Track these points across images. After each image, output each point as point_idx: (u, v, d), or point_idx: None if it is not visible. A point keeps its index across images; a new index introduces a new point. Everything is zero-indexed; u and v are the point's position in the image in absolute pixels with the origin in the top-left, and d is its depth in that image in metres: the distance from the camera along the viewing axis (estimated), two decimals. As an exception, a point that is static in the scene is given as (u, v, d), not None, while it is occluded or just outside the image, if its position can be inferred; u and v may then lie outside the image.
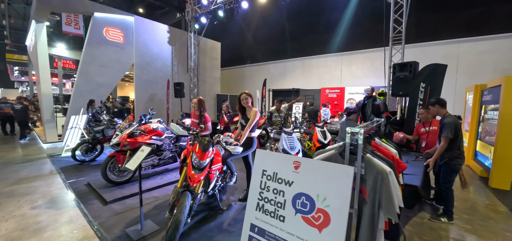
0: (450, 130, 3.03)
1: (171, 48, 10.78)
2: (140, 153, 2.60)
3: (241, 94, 3.32)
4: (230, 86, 18.63)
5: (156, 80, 10.13)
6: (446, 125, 3.08)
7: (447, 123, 3.08)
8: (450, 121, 3.09)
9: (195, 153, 2.49)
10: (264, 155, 1.52)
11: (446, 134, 3.02)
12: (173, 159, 4.83)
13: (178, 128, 2.63)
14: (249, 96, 3.29)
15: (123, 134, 4.00)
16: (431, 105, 3.35)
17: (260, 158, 1.52)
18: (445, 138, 3.02)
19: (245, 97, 3.28)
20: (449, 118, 3.14)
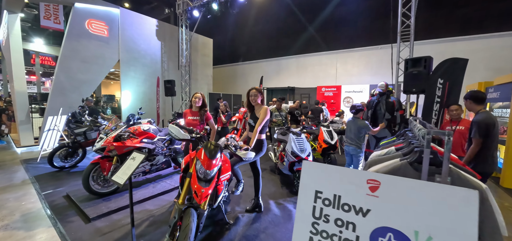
0: (477, 129, 2.69)
1: (161, 44, 10.13)
2: (131, 162, 2.12)
3: (251, 90, 2.89)
4: (222, 85, 18.08)
5: (144, 77, 9.47)
6: (474, 124, 2.75)
7: (475, 121, 2.75)
8: (479, 119, 2.76)
9: (200, 160, 2.04)
10: (315, 168, 1.10)
11: (474, 134, 2.70)
12: (167, 164, 4.33)
13: (178, 130, 2.18)
14: (259, 93, 2.87)
15: (108, 137, 3.46)
16: (464, 99, 3.04)
17: (309, 173, 1.10)
18: (474, 140, 2.69)
19: (255, 94, 2.85)
20: (481, 115, 2.80)
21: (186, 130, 2.26)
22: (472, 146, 2.69)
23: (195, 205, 2.01)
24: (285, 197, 3.59)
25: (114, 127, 3.73)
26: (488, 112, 2.96)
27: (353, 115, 3.73)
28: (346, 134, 3.84)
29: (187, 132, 2.25)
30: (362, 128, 3.60)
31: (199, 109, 3.29)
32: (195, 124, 3.21)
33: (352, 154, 3.77)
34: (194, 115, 3.26)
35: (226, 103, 5.65)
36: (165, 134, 4.39)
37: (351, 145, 3.72)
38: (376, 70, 11.84)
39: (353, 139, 3.68)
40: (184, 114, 3.35)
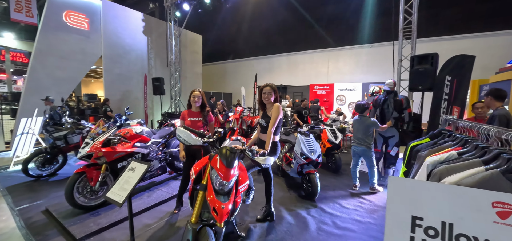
0: (499, 122, 2.67)
1: (147, 40, 9.52)
2: (129, 174, 1.76)
3: (264, 87, 2.60)
4: (212, 83, 17.57)
5: (130, 75, 8.83)
6: (495, 117, 2.72)
7: (496, 115, 2.72)
8: (500, 113, 2.73)
9: (215, 169, 1.73)
10: (410, 186, 0.83)
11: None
12: (162, 169, 3.93)
13: (188, 135, 1.83)
14: (273, 91, 2.58)
15: (95, 142, 3.02)
16: (485, 95, 2.98)
17: (400, 192, 0.83)
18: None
19: (269, 91, 2.56)
20: (500, 110, 2.78)
21: (196, 133, 1.93)
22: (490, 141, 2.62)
23: (211, 222, 1.70)
24: (295, 203, 3.35)
25: (102, 130, 3.28)
26: (506, 109, 2.93)
27: (359, 114, 3.56)
28: (354, 134, 3.67)
29: (198, 136, 1.92)
30: (370, 125, 3.45)
31: (200, 109, 2.94)
32: (198, 126, 2.86)
33: (362, 155, 3.60)
34: (195, 116, 2.90)
35: (223, 102, 5.31)
36: (160, 136, 3.99)
37: (360, 145, 3.54)
38: (368, 68, 11.97)
39: (361, 139, 3.51)
40: (183, 116, 2.98)
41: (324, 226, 2.77)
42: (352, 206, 3.26)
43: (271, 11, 13.87)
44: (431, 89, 4.02)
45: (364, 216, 3.00)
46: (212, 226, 1.71)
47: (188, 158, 2.96)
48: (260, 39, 15.45)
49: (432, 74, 3.96)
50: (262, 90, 2.65)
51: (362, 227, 2.77)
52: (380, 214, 3.05)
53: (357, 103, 3.59)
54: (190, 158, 2.94)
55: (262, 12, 14.04)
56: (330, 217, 2.97)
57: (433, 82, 3.97)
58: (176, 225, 2.72)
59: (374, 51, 11.72)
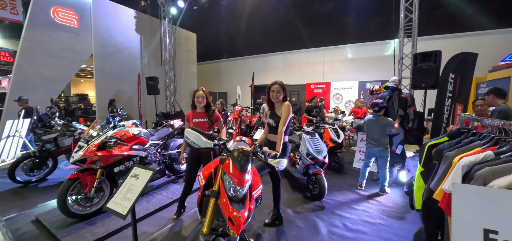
0: (497, 117, 2.69)
1: (140, 38, 9.21)
2: (132, 181, 1.59)
3: (273, 85, 2.48)
4: (206, 83, 17.27)
5: (122, 74, 8.52)
6: (494, 112, 2.76)
7: (496, 110, 2.76)
8: (500, 108, 2.77)
9: (228, 174, 1.58)
10: (479, 194, 0.73)
11: None
12: (161, 172, 3.75)
13: (197, 137, 1.66)
14: (282, 89, 2.46)
15: (90, 145, 2.81)
16: (486, 95, 3.01)
17: (468, 201, 0.72)
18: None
19: (278, 89, 2.44)
20: (501, 106, 2.81)
21: (205, 135, 1.77)
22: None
23: (224, 232, 1.56)
24: (302, 204, 3.24)
25: (96, 132, 3.07)
26: (507, 105, 2.94)
27: (375, 113, 3.46)
28: (368, 135, 3.53)
29: (207, 138, 1.76)
30: (387, 125, 3.35)
31: (205, 110, 2.78)
32: (204, 127, 2.70)
33: (378, 156, 3.48)
34: (200, 117, 2.75)
35: (222, 102, 5.16)
36: (159, 137, 3.80)
37: (376, 146, 3.43)
38: (363, 67, 12.02)
39: (377, 140, 3.41)
40: (187, 117, 2.82)
41: (335, 228, 2.67)
42: (361, 207, 3.18)
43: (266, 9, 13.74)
44: (434, 87, 4.00)
45: (374, 217, 2.92)
46: (224, 235, 1.57)
47: (192, 160, 2.80)
48: (255, 38, 15.30)
49: (435, 72, 3.94)
50: (270, 89, 2.52)
51: (374, 229, 2.68)
52: (390, 215, 2.97)
53: (374, 102, 3.47)
54: (195, 161, 2.78)
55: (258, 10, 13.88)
56: (340, 219, 2.87)
57: (437, 80, 3.95)
58: (181, 234, 2.56)
59: (370, 49, 11.79)
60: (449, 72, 3.75)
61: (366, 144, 3.61)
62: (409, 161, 2.92)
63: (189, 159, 2.83)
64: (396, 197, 3.52)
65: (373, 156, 3.54)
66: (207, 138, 1.77)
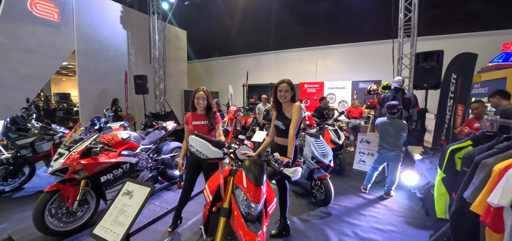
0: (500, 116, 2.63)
1: (127, 34, 8.71)
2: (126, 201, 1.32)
3: (281, 84, 2.27)
4: (196, 82, 16.83)
5: (107, 72, 8.01)
6: (497, 111, 2.71)
7: (498, 110, 2.71)
8: (503, 109, 2.72)
9: (242, 189, 1.35)
10: None
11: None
12: (154, 179, 3.44)
13: (205, 145, 1.40)
14: (291, 89, 2.25)
15: (72, 152, 2.47)
16: (490, 97, 2.97)
17: None
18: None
19: (286, 88, 2.23)
20: (504, 106, 2.77)
21: (212, 143, 1.50)
22: None
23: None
24: (307, 211, 3.05)
25: (79, 136, 2.73)
26: (510, 105, 2.91)
27: (389, 115, 3.30)
28: (383, 138, 3.34)
29: (215, 146, 1.50)
30: (403, 128, 3.21)
31: (206, 112, 2.52)
32: (204, 131, 2.44)
33: (391, 160, 3.33)
34: (200, 120, 2.48)
35: (218, 102, 4.89)
36: (150, 141, 3.48)
37: (392, 150, 3.26)
38: (356, 67, 12.09)
39: (392, 143, 3.24)
40: (186, 119, 2.55)
41: (346, 238, 2.50)
42: (369, 213, 3.04)
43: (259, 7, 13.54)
44: (436, 87, 3.94)
45: (384, 223, 2.79)
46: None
47: (191, 168, 2.53)
48: (247, 36, 15.05)
49: (438, 72, 3.87)
50: (277, 88, 2.31)
51: (386, 236, 2.54)
52: (400, 220, 2.85)
53: (391, 104, 3.28)
54: (194, 168, 2.52)
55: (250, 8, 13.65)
56: (349, 227, 2.71)
57: (439, 80, 3.89)
58: (178, 250, 2.29)
59: (363, 49, 11.87)
60: (451, 72, 3.69)
61: (379, 149, 3.42)
62: (419, 164, 2.81)
63: (188, 166, 2.56)
64: (401, 199, 3.42)
65: (387, 160, 3.38)
66: (214, 146, 1.51)
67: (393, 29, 5.12)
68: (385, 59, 11.12)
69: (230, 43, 15.73)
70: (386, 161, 3.43)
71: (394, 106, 3.23)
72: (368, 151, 4.75)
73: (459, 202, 1.62)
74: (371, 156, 4.68)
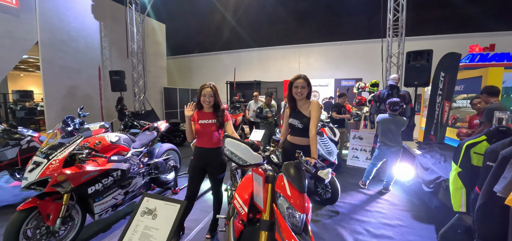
0: (486, 114, 2.85)
1: (99, 25, 7.91)
2: (149, 223, 1.07)
3: (297, 80, 2.13)
4: (176, 78, 16.06)
5: (77, 67, 7.19)
6: (485, 110, 2.89)
7: (486, 108, 2.89)
8: (490, 106, 2.90)
9: (286, 197, 1.18)
10: None
11: (483, 118, 2.87)
12: (146, 186, 3.10)
13: (247, 150, 1.18)
14: (307, 85, 2.13)
15: (52, 160, 2.07)
16: (480, 94, 3.14)
17: None
18: (483, 124, 2.81)
19: (303, 85, 2.10)
20: (492, 104, 2.94)
21: (249, 145, 1.28)
22: (481, 128, 2.86)
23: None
24: (315, 211, 2.97)
25: (59, 141, 2.31)
26: (500, 103, 3.10)
27: (391, 111, 3.33)
28: (384, 134, 3.37)
29: (252, 149, 1.28)
30: (403, 125, 3.28)
31: (213, 110, 2.28)
32: (211, 131, 2.20)
33: (392, 156, 3.38)
34: (207, 119, 2.23)
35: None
36: (142, 144, 3.12)
37: (393, 146, 3.31)
38: (337, 65, 12.47)
39: (393, 139, 3.29)
40: (192, 119, 2.28)
41: (360, 236, 2.46)
42: (373, 208, 3.05)
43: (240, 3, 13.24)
44: (426, 85, 4.13)
45: (391, 218, 2.82)
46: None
47: (195, 173, 2.28)
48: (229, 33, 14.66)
49: (428, 70, 4.06)
50: (292, 84, 2.17)
51: (396, 231, 2.55)
52: (404, 215, 2.90)
53: (392, 101, 3.30)
54: (199, 174, 2.28)
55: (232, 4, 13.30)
56: (360, 224, 2.68)
57: (429, 77, 4.08)
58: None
59: (344, 48, 12.27)
60: (440, 71, 3.89)
61: (379, 145, 3.47)
62: (422, 159, 2.89)
63: (192, 170, 2.31)
64: (399, 193, 3.52)
65: (387, 156, 3.44)
66: (252, 149, 1.30)
67: (382, 29, 5.28)
68: (366, 58, 11.68)
69: (211, 39, 15.23)
70: (386, 157, 3.49)
71: (396, 103, 3.29)
72: (361, 147, 4.85)
73: (485, 196, 1.64)
74: (364, 152, 4.79)
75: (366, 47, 11.57)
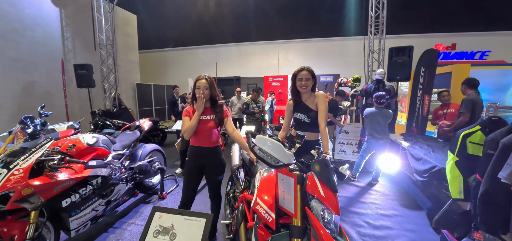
0: (465, 105, 3.09)
1: (60, 12, 6.99)
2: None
3: (301, 72, 2.02)
4: (149, 74, 15.04)
5: (34, 60, 6.28)
6: (464, 101, 3.12)
7: (465, 99, 3.13)
8: (468, 98, 3.14)
9: (320, 199, 1.05)
10: None
11: (462, 109, 3.12)
12: (130, 193, 2.76)
13: (281, 149, 1.00)
14: (312, 77, 2.03)
15: (14, 170, 1.69)
16: (462, 84, 3.35)
17: None
18: (463, 114, 3.09)
19: (307, 76, 1.99)
20: (470, 96, 3.18)
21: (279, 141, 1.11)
22: (461, 118, 3.11)
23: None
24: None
25: (23, 145, 1.90)
26: (476, 95, 3.36)
27: (378, 105, 3.40)
28: (373, 127, 3.44)
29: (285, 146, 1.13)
30: (389, 117, 3.37)
31: (211, 104, 2.06)
32: (209, 127, 1.99)
33: (380, 148, 3.46)
34: (204, 115, 1.98)
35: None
36: (123, 145, 2.77)
37: (382, 138, 3.40)
38: (315, 61, 12.73)
39: (381, 131, 3.38)
40: (187, 113, 2.02)
41: (362, 229, 2.46)
42: (368, 200, 3.11)
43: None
44: (407, 79, 4.35)
45: (386, 208, 2.89)
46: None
47: (192, 176, 2.05)
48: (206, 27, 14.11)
49: (409, 65, 4.26)
50: (296, 76, 2.06)
51: (394, 221, 2.62)
52: (397, 204, 3.00)
53: (379, 94, 3.35)
54: (196, 176, 2.05)
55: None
56: (358, 217, 2.70)
57: (410, 72, 4.30)
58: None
59: (321, 45, 12.59)
60: (421, 66, 4.11)
61: (368, 138, 3.55)
62: (412, 150, 3.01)
63: (188, 173, 2.07)
64: (387, 184, 3.66)
65: (375, 148, 3.53)
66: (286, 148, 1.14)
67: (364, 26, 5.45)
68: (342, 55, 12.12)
69: (187, 33, 14.54)
70: (375, 149, 3.59)
71: (382, 97, 3.38)
72: (347, 141, 4.97)
73: (488, 183, 1.71)
74: (351, 145, 4.91)
75: (343, 44, 12.02)
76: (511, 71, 5.39)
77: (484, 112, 3.47)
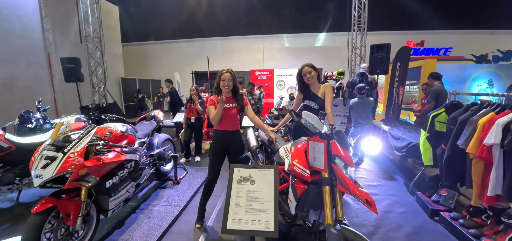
0: (431, 95, 3.73)
1: (39, 3, 6.63)
2: (248, 187, 1.22)
3: (304, 68, 2.48)
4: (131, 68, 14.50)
5: (13, 53, 5.96)
6: (430, 92, 3.77)
7: (431, 90, 3.79)
8: (434, 88, 3.80)
9: (340, 156, 1.48)
10: None
11: (429, 98, 3.73)
12: (151, 177, 3.01)
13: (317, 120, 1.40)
14: (314, 69, 2.49)
15: (70, 154, 1.88)
16: (428, 78, 4.01)
17: None
18: (429, 102, 3.73)
19: (309, 70, 2.44)
20: (436, 87, 3.85)
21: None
22: (427, 106, 3.72)
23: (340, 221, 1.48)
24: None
25: (67, 135, 2.06)
26: (441, 86, 4.05)
27: (360, 95, 3.94)
28: (358, 115, 3.95)
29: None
30: (370, 104, 3.93)
31: (232, 94, 2.39)
32: (232, 114, 2.32)
33: (364, 132, 3.97)
34: (227, 103, 2.31)
35: (197, 87, 4.50)
36: (144, 134, 2.99)
37: (366, 123, 3.91)
38: (297, 56, 13.36)
39: (365, 118, 3.91)
40: (211, 102, 2.33)
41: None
42: (357, 176, 3.68)
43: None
44: (385, 73, 5.00)
45: (373, 180, 3.48)
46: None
47: (217, 155, 2.38)
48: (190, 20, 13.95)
49: (386, 60, 4.91)
50: (301, 72, 2.49)
51: (379, 189, 3.19)
52: (381, 177, 3.60)
53: (359, 86, 3.90)
54: (220, 155, 2.39)
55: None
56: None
57: (388, 67, 4.95)
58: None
59: (303, 40, 13.20)
60: (397, 61, 4.78)
61: (354, 125, 4.09)
62: (393, 132, 3.63)
63: (212, 153, 2.40)
64: (371, 163, 4.29)
65: (361, 132, 4.09)
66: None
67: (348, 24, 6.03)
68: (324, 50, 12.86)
69: (170, 26, 14.24)
70: (360, 133, 4.17)
71: (362, 88, 3.96)
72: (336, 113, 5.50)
73: (450, 150, 2.29)
74: (339, 117, 5.45)
75: (325, 40, 12.75)
76: (469, 65, 6.38)
77: (448, 99, 4.21)
